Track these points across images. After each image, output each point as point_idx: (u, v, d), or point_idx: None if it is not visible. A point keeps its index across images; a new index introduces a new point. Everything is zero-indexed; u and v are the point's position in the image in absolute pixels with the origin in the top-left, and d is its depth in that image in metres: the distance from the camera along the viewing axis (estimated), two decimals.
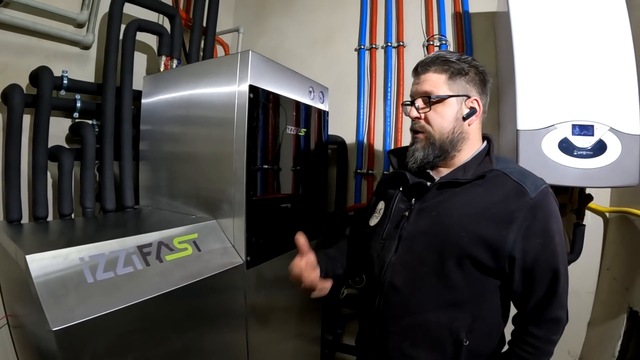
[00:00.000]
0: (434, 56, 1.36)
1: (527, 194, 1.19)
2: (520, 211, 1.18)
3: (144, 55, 2.73)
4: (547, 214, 1.20)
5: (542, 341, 1.20)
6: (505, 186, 1.24)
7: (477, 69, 1.34)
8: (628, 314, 2.00)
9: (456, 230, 1.22)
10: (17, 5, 2.00)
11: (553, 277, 1.18)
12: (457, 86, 1.31)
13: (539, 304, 1.20)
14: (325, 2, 3.18)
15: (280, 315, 2.21)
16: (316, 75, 2.54)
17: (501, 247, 1.18)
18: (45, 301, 1.18)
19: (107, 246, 1.44)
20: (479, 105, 1.33)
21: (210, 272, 1.65)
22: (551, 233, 1.19)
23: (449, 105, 1.31)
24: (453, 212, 1.26)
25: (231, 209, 1.84)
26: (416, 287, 1.29)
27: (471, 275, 1.22)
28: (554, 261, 1.18)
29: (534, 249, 1.18)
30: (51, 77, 1.99)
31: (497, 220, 1.19)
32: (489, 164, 1.30)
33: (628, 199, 2.10)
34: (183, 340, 1.57)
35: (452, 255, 1.22)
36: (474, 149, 1.36)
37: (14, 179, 1.87)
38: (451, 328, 1.24)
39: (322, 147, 2.46)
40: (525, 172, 1.29)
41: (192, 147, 2.01)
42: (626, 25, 1.75)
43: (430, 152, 1.34)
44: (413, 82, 1.41)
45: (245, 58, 1.78)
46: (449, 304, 1.25)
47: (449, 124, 1.31)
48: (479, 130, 1.39)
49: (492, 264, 1.20)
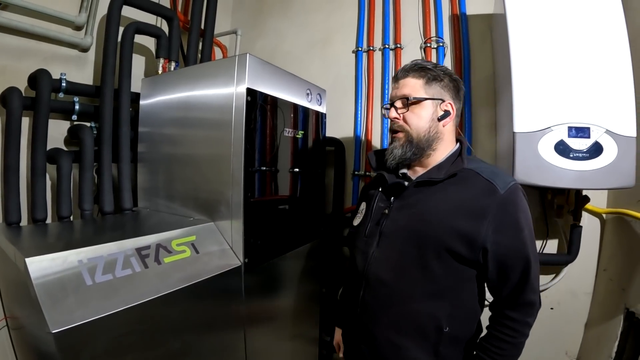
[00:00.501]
0: (412, 64, 1.50)
1: (497, 190, 1.30)
2: (491, 206, 1.29)
3: (142, 57, 2.74)
4: (516, 209, 1.31)
5: (519, 323, 1.31)
6: (478, 184, 1.35)
7: (451, 76, 1.48)
8: (625, 314, 2.00)
9: (435, 225, 1.34)
10: (15, 8, 2.01)
11: (524, 264, 1.28)
12: (432, 90, 1.45)
13: (514, 290, 1.31)
14: (323, 4, 3.18)
15: (278, 316, 2.22)
16: (314, 77, 2.55)
17: (475, 239, 1.29)
18: (44, 303, 1.18)
19: (105, 249, 1.44)
20: (453, 109, 1.47)
21: (209, 274, 1.66)
22: (520, 225, 1.30)
23: (425, 107, 1.44)
24: (431, 208, 1.38)
25: (229, 211, 1.84)
26: (400, 280, 1.40)
27: (450, 266, 1.33)
28: (525, 250, 1.29)
29: (505, 240, 1.28)
30: (50, 79, 1.99)
31: (471, 215, 1.30)
32: (461, 163, 1.41)
33: (624, 200, 2.11)
34: (181, 342, 1.58)
35: (431, 248, 1.34)
36: (447, 149, 1.49)
37: (13, 182, 1.88)
38: (433, 316, 1.35)
39: (319, 149, 2.47)
40: (495, 171, 1.39)
41: (190, 150, 2.01)
42: (622, 27, 1.77)
43: (407, 149, 1.45)
44: (392, 87, 1.55)
45: (243, 61, 1.78)
46: (431, 293, 1.36)
47: (425, 124, 1.43)
48: (453, 133, 1.52)
49: (468, 255, 1.31)
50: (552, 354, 2.35)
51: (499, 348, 1.32)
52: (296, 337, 2.43)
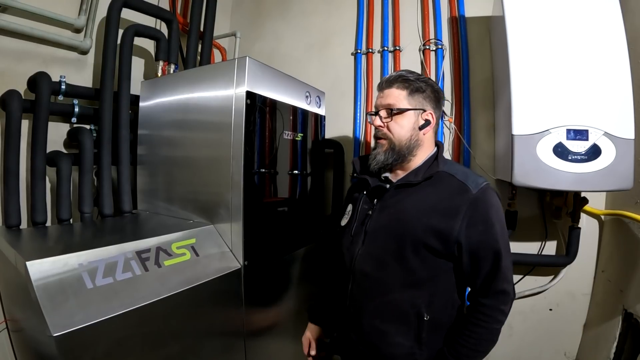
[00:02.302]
0: (396, 75, 1.57)
1: (469, 190, 1.40)
2: (464, 205, 1.38)
3: (141, 59, 2.74)
4: (487, 206, 1.39)
5: (492, 309, 1.38)
6: (451, 185, 1.45)
7: (432, 87, 1.56)
8: (623, 315, 2.01)
9: (412, 223, 1.43)
10: (15, 11, 2.01)
11: (494, 256, 1.36)
12: (415, 101, 1.53)
13: (486, 279, 1.39)
14: (322, 7, 3.19)
15: (277, 319, 2.22)
16: (312, 80, 2.55)
17: (449, 234, 1.38)
18: (45, 307, 1.19)
19: (106, 252, 1.45)
20: (433, 118, 1.55)
21: (208, 277, 1.67)
22: (491, 221, 1.38)
23: (407, 117, 1.52)
24: (408, 208, 1.47)
25: (228, 214, 1.85)
26: (382, 272, 1.49)
27: (426, 259, 1.42)
28: (495, 243, 1.37)
29: (476, 235, 1.37)
30: (49, 82, 1.99)
31: (445, 213, 1.39)
32: (437, 166, 1.50)
33: (622, 201, 2.11)
34: (181, 345, 1.58)
35: (409, 243, 1.42)
36: (426, 154, 1.58)
37: (13, 185, 1.88)
38: (413, 304, 1.44)
39: (318, 151, 2.47)
40: (468, 173, 1.49)
41: (190, 152, 2.02)
42: (621, 30, 1.77)
43: (390, 156, 1.54)
44: (377, 96, 1.63)
45: (243, 64, 1.79)
46: (410, 284, 1.44)
47: (407, 133, 1.52)
48: (432, 139, 1.61)
49: (442, 249, 1.40)
50: (551, 354, 2.36)
51: (472, 332, 1.39)
52: (295, 339, 2.42)
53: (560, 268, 2.28)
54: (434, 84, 1.59)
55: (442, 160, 1.55)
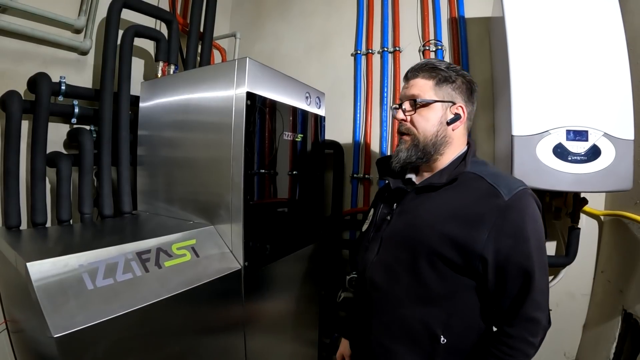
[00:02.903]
0: (423, 63, 1.43)
1: (500, 196, 1.22)
2: (491, 213, 1.21)
3: (141, 60, 2.74)
4: (521, 216, 1.20)
5: (518, 341, 1.20)
6: (479, 188, 1.27)
7: (464, 77, 1.40)
8: (622, 316, 2.01)
9: (426, 231, 1.28)
10: (15, 12, 2.00)
11: (525, 277, 1.18)
12: (442, 92, 1.37)
13: (513, 304, 1.21)
14: (322, 8, 3.19)
15: (277, 319, 2.22)
16: (312, 80, 2.56)
17: (470, 247, 1.21)
18: (46, 308, 1.18)
19: (106, 253, 1.45)
20: (464, 112, 1.39)
21: (209, 278, 1.66)
22: (524, 234, 1.19)
23: (433, 110, 1.37)
24: (425, 213, 1.33)
25: (229, 214, 1.84)
26: (392, 284, 1.36)
27: (444, 273, 1.26)
28: (526, 261, 1.18)
29: (504, 250, 1.19)
30: (49, 83, 1.99)
31: (466, 221, 1.23)
32: (463, 167, 1.34)
33: (622, 202, 2.12)
34: (182, 346, 1.58)
35: (422, 254, 1.28)
36: (455, 153, 1.42)
37: (13, 185, 1.88)
38: (426, 324, 1.29)
39: (318, 152, 2.47)
40: (500, 175, 1.31)
41: (190, 153, 2.02)
42: (620, 31, 1.78)
43: (413, 153, 1.39)
44: (402, 86, 1.49)
45: (243, 65, 1.79)
46: (423, 300, 1.30)
47: (433, 127, 1.37)
48: (463, 137, 1.45)
49: (462, 263, 1.23)
50: (550, 354, 2.36)
51: None
52: (296, 339, 2.43)
53: (560, 268, 2.28)
54: (466, 74, 1.42)
55: (471, 160, 1.37)
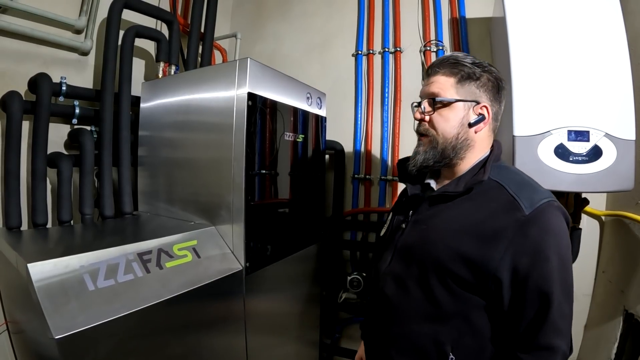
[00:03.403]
0: (446, 57, 1.30)
1: (520, 209, 1.10)
2: (509, 229, 1.09)
3: (141, 60, 2.74)
4: (542, 232, 1.08)
5: None
6: (498, 200, 1.16)
7: (490, 74, 1.28)
8: (624, 316, 2.01)
9: (438, 247, 1.19)
10: (15, 12, 2.00)
11: (542, 301, 1.06)
12: (465, 90, 1.25)
13: (528, 329, 1.08)
14: (323, 8, 3.19)
15: (278, 320, 2.22)
16: (313, 81, 2.55)
17: (484, 265, 1.10)
18: (47, 309, 1.18)
19: (107, 254, 1.45)
20: (489, 113, 1.26)
21: (210, 279, 1.66)
22: (545, 253, 1.06)
23: (454, 110, 1.25)
24: (439, 227, 1.23)
25: (230, 215, 1.84)
26: (403, 298, 1.27)
27: (454, 290, 1.16)
28: (544, 283, 1.05)
29: (522, 270, 1.07)
30: (50, 83, 1.99)
31: (481, 237, 1.12)
32: (482, 174, 1.21)
33: (623, 202, 2.12)
34: (183, 346, 1.58)
35: (434, 270, 1.19)
36: (477, 158, 1.30)
37: (14, 186, 1.87)
38: (435, 340, 1.19)
39: (319, 152, 2.48)
40: (524, 184, 1.19)
41: (190, 153, 2.02)
42: (621, 31, 1.77)
43: (430, 156, 1.28)
44: (424, 83, 1.36)
45: (244, 65, 1.79)
46: (433, 317, 1.20)
47: (453, 129, 1.25)
48: (488, 139, 1.32)
49: (473, 281, 1.13)
50: None
51: None
52: (296, 339, 2.43)
53: None
54: (494, 70, 1.29)
55: (492, 166, 1.24)
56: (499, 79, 1.30)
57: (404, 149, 2.75)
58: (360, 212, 2.91)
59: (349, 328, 2.99)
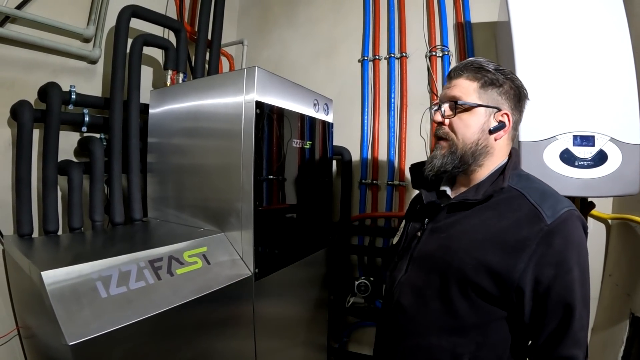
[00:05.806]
0: (469, 61, 1.29)
1: (543, 219, 1.08)
2: (533, 239, 1.07)
3: (149, 68, 2.76)
4: (566, 242, 1.07)
5: None
6: (520, 209, 1.14)
7: (513, 82, 1.26)
8: (630, 319, 2.02)
9: (461, 256, 1.16)
10: (24, 22, 2.03)
11: (565, 312, 1.05)
12: (487, 96, 1.23)
13: (549, 340, 1.08)
14: (328, 14, 3.21)
15: (287, 324, 2.24)
16: (320, 87, 2.57)
17: (508, 276, 1.08)
18: (61, 316, 1.20)
19: (119, 261, 1.47)
20: (509, 120, 1.24)
21: (220, 285, 1.68)
22: (568, 264, 1.06)
23: (475, 115, 1.23)
24: (461, 236, 1.19)
25: (239, 222, 1.86)
26: (420, 309, 1.24)
27: (476, 303, 1.15)
28: (568, 295, 1.05)
29: (545, 280, 1.06)
30: (60, 92, 2.01)
31: (506, 248, 1.10)
32: (501, 182, 1.19)
33: (629, 205, 2.12)
34: (193, 351, 1.60)
35: (455, 281, 1.16)
36: (495, 165, 1.27)
37: (25, 194, 1.90)
38: (452, 354, 1.18)
39: (326, 158, 2.49)
40: (545, 194, 1.17)
41: (199, 160, 2.04)
42: (626, 35, 1.77)
43: (448, 161, 1.25)
44: (444, 86, 1.34)
45: (252, 74, 1.81)
46: (452, 329, 1.18)
47: (473, 135, 1.23)
48: (507, 147, 1.29)
49: (497, 294, 1.11)
50: None
51: None
52: (305, 344, 2.44)
53: None
54: (516, 78, 1.27)
55: (511, 173, 1.22)
56: (521, 88, 1.28)
57: (411, 154, 2.76)
58: (367, 217, 2.92)
59: (356, 332, 3.00)
